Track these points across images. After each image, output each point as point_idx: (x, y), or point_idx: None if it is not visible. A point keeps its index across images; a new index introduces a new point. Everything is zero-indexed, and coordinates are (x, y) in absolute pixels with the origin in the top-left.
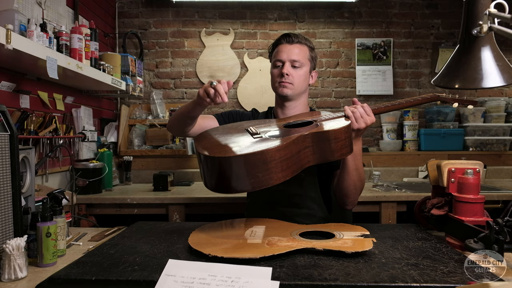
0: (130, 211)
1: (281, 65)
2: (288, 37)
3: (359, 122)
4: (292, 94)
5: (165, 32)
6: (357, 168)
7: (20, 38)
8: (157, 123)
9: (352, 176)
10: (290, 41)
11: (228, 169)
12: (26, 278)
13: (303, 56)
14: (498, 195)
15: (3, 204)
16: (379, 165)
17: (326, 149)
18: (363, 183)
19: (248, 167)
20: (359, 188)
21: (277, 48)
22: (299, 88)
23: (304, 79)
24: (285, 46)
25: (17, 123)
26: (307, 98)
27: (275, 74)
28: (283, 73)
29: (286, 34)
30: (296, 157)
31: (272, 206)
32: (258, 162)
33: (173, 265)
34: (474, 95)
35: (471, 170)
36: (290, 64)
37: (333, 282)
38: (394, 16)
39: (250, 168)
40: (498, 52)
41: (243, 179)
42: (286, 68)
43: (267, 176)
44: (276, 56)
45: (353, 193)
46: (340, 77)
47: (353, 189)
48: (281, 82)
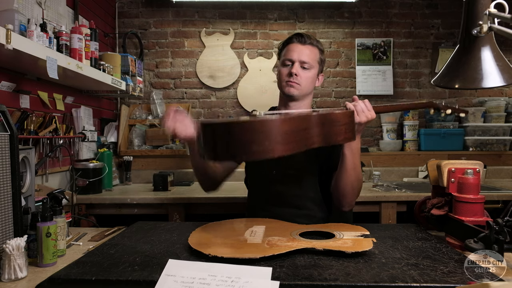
0: (130, 211)
1: (291, 64)
2: (300, 37)
3: (360, 115)
4: (298, 95)
5: (165, 32)
6: (355, 167)
7: (20, 38)
8: (157, 123)
9: (350, 176)
10: (302, 42)
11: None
12: (26, 278)
13: (313, 58)
14: (498, 195)
15: (3, 204)
16: (379, 165)
17: (331, 131)
18: (361, 184)
19: (251, 134)
20: (356, 189)
21: (288, 46)
22: (306, 89)
23: (311, 81)
24: (296, 45)
25: (17, 123)
26: (311, 100)
27: (283, 73)
28: (292, 73)
29: (299, 34)
30: (302, 134)
31: (272, 207)
32: (259, 130)
33: (173, 265)
34: (474, 95)
35: (471, 170)
36: (300, 64)
37: (333, 282)
38: (394, 16)
39: (251, 135)
40: (498, 52)
41: (245, 145)
42: (295, 68)
43: (269, 146)
44: (286, 55)
45: (351, 194)
46: (340, 77)
47: (350, 189)
48: (289, 82)
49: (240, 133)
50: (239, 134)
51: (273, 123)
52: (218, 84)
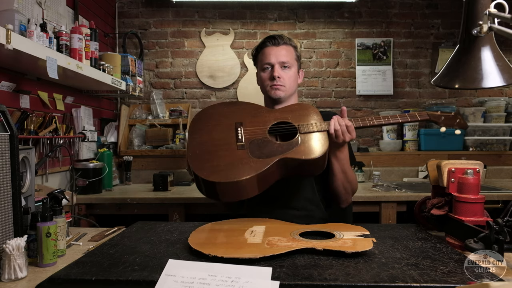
0: (130, 211)
1: (270, 68)
2: (273, 39)
3: (338, 138)
4: (285, 96)
5: (165, 32)
6: (344, 171)
7: (20, 38)
8: (157, 123)
9: (339, 179)
10: (276, 43)
11: (210, 187)
12: (26, 278)
13: (290, 57)
14: (498, 195)
15: (3, 204)
16: (379, 165)
17: (296, 170)
18: (353, 184)
19: (225, 189)
20: (349, 189)
21: (263, 51)
22: (291, 89)
23: (294, 80)
24: (271, 48)
25: (17, 123)
26: (297, 98)
27: (265, 78)
28: (275, 76)
29: (270, 37)
30: (267, 177)
31: (270, 209)
32: (233, 187)
33: (173, 265)
34: (474, 95)
35: (471, 170)
36: (280, 66)
37: (333, 282)
38: (394, 16)
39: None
40: (498, 52)
41: (222, 194)
42: (277, 71)
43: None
44: (264, 60)
45: (343, 194)
46: (340, 77)
47: (342, 189)
48: (273, 85)
49: (218, 188)
50: (218, 189)
51: (242, 183)
52: (218, 84)
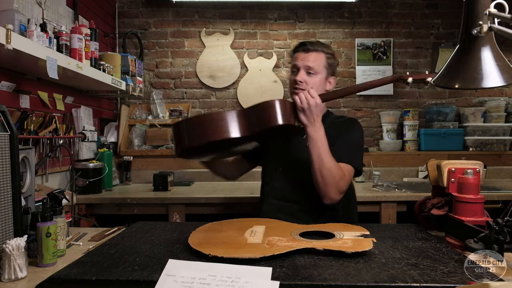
0: (130, 211)
1: (296, 71)
2: (303, 46)
3: (303, 103)
4: None
5: (165, 32)
6: (319, 154)
7: (20, 38)
8: (157, 123)
9: (315, 163)
10: (306, 50)
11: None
12: (26, 278)
13: (318, 64)
14: (498, 195)
15: (3, 204)
16: (379, 165)
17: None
18: (334, 173)
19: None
20: (327, 178)
21: (295, 55)
22: None
23: (319, 86)
24: (300, 54)
25: (17, 123)
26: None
27: (291, 80)
28: (297, 80)
29: (302, 43)
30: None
31: (276, 201)
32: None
33: (173, 265)
34: (474, 95)
35: (471, 170)
36: (305, 71)
37: (333, 282)
38: (394, 16)
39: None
40: (498, 52)
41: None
42: (299, 75)
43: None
44: (293, 62)
45: (321, 183)
46: (340, 77)
47: (319, 177)
48: (295, 89)
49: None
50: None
51: (211, 116)
52: (218, 84)
